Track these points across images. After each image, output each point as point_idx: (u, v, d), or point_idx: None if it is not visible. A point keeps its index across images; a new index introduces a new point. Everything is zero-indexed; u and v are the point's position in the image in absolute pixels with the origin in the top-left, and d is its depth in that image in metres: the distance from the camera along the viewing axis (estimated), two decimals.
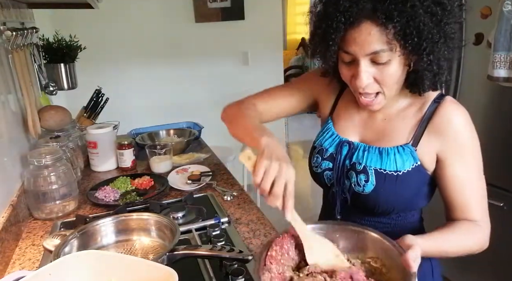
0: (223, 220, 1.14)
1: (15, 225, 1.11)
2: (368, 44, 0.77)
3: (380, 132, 0.93)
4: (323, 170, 0.97)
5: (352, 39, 0.78)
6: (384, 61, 0.78)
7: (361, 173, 0.90)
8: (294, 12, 7.17)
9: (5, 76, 1.31)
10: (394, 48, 0.76)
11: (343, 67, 0.85)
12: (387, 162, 0.88)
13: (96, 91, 1.92)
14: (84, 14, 2.58)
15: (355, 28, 0.77)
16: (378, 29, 0.75)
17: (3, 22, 1.30)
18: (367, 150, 0.92)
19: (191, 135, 1.92)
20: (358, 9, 0.75)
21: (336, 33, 0.78)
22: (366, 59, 0.79)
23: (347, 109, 0.99)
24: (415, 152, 0.88)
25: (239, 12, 3.09)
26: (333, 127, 1.00)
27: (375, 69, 0.80)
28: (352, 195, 0.93)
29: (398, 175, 0.87)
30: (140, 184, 1.41)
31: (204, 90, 3.18)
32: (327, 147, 0.97)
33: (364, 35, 0.76)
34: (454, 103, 0.88)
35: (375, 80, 0.82)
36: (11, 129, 1.29)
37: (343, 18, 0.76)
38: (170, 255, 0.82)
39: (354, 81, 0.83)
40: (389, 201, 0.90)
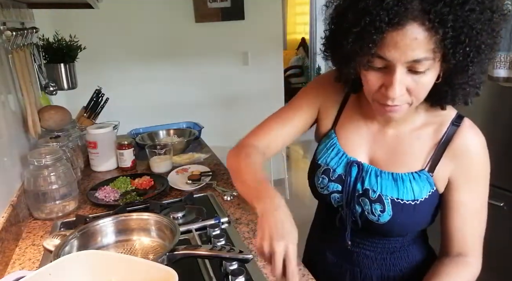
0: (223, 220, 1.14)
1: (15, 225, 1.11)
2: (411, 51, 0.66)
3: (391, 151, 0.86)
4: (330, 192, 0.90)
5: (393, 43, 0.67)
6: (423, 70, 0.69)
7: (376, 203, 0.84)
8: (294, 12, 7.16)
9: (5, 76, 1.31)
10: (436, 56, 0.67)
11: (371, 74, 0.74)
12: (403, 191, 0.83)
13: (96, 91, 1.92)
14: (84, 14, 2.58)
15: (398, 30, 0.65)
16: (426, 34, 0.65)
17: (3, 22, 1.30)
18: (380, 176, 0.85)
19: (191, 135, 1.92)
20: (405, 8, 0.64)
21: (378, 33, 0.66)
22: (404, 67, 0.69)
23: (353, 120, 0.91)
24: (431, 178, 0.83)
25: (239, 12, 3.09)
26: (338, 143, 0.91)
27: (411, 78, 0.71)
28: (364, 221, 0.87)
29: (416, 204, 0.83)
30: (140, 184, 1.41)
31: (204, 90, 3.18)
32: (334, 167, 0.90)
33: (409, 39, 0.65)
34: (474, 128, 0.83)
35: (408, 91, 0.72)
36: (11, 129, 1.29)
37: (386, 17, 0.64)
38: (170, 255, 0.82)
39: (385, 90, 0.73)
40: (404, 229, 0.87)
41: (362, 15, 0.67)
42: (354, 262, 0.95)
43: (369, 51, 0.69)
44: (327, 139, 0.94)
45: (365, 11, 0.67)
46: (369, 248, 0.93)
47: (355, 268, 0.95)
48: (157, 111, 3.01)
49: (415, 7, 0.64)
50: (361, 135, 0.90)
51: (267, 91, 3.37)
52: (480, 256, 0.86)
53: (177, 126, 2.11)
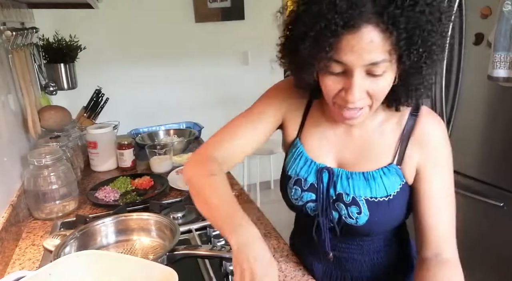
0: None
1: (15, 225, 1.11)
2: (368, 53, 0.66)
3: (358, 151, 0.86)
4: (305, 202, 0.88)
5: (349, 47, 0.66)
6: (381, 72, 0.69)
7: (352, 205, 0.83)
8: None
9: (5, 76, 1.31)
10: (393, 58, 0.67)
11: (329, 78, 0.73)
12: (376, 188, 0.82)
13: (96, 91, 1.92)
14: (84, 14, 2.58)
15: (354, 33, 0.65)
16: (381, 36, 0.65)
17: (3, 22, 1.30)
18: (351, 177, 0.84)
19: (191, 135, 1.92)
20: (359, 10, 0.63)
21: (334, 37, 0.66)
22: (362, 70, 0.69)
23: (318, 126, 0.89)
24: (400, 170, 0.83)
25: (239, 12, 3.09)
26: (304, 151, 0.90)
27: (369, 81, 0.71)
28: (343, 226, 0.86)
29: (389, 200, 0.82)
30: (140, 184, 1.41)
31: (204, 90, 3.18)
32: (305, 177, 0.88)
33: (365, 42, 0.65)
34: (432, 115, 0.84)
35: (367, 94, 0.73)
36: (11, 129, 1.29)
37: (341, 21, 0.64)
38: (170, 255, 0.82)
39: (345, 95, 0.72)
40: (383, 226, 0.86)
41: (317, 19, 0.66)
42: (344, 268, 0.93)
43: (326, 55, 0.68)
44: (293, 148, 0.92)
45: (319, 15, 0.66)
46: (355, 251, 0.91)
47: (345, 274, 0.94)
48: (157, 111, 3.01)
49: (369, 9, 0.64)
50: (327, 140, 0.88)
51: None
52: (456, 252, 0.83)
53: (177, 126, 2.11)
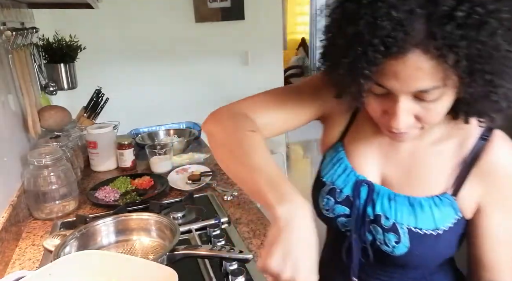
0: (223, 220, 1.14)
1: (15, 225, 1.11)
2: (414, 81, 0.55)
3: (407, 170, 0.73)
4: (336, 215, 0.78)
5: (392, 73, 0.55)
6: (434, 98, 0.57)
7: (390, 232, 0.72)
8: (294, 12, 7.17)
9: (5, 76, 1.31)
10: (451, 83, 0.55)
11: (372, 98, 0.63)
12: (423, 218, 0.70)
13: (96, 91, 1.92)
14: (84, 14, 2.58)
15: (398, 59, 0.53)
16: (432, 63, 0.52)
17: (3, 22, 1.30)
18: (394, 200, 0.72)
19: (191, 135, 1.92)
20: (405, 33, 0.51)
21: (371, 66, 0.54)
22: (409, 95, 0.58)
23: (363, 133, 0.77)
24: (455, 203, 0.70)
25: (239, 12, 3.08)
26: (346, 158, 0.79)
27: (419, 106, 0.59)
28: (376, 251, 0.75)
29: (438, 235, 0.70)
30: (140, 184, 1.41)
31: (204, 90, 3.18)
32: (341, 187, 0.77)
33: (411, 69, 0.54)
34: (506, 141, 0.69)
35: (416, 118, 0.61)
36: (11, 129, 1.29)
37: (382, 46, 0.52)
38: (170, 255, 0.82)
39: (387, 119, 0.62)
40: (425, 261, 0.74)
41: (352, 43, 0.55)
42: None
43: (363, 84, 0.58)
44: (334, 153, 0.81)
45: (355, 38, 0.54)
46: (383, 279, 0.79)
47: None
48: (157, 111, 3.00)
49: (419, 31, 0.51)
50: (372, 149, 0.77)
51: None
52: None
53: (177, 126, 2.11)
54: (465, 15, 0.49)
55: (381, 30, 0.51)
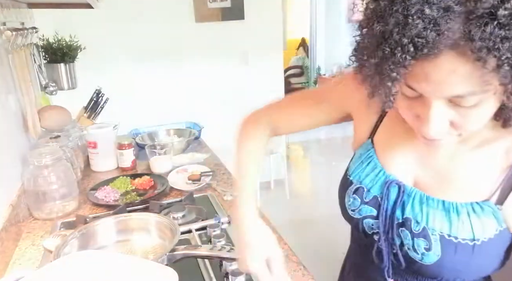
0: (223, 220, 1.13)
1: (15, 225, 1.11)
2: (447, 86, 0.50)
3: (443, 174, 0.67)
4: (363, 216, 0.73)
5: (423, 75, 0.50)
6: (472, 104, 0.51)
7: (420, 237, 0.66)
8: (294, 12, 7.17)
9: (5, 76, 1.31)
10: (492, 89, 0.49)
11: (403, 101, 0.58)
12: (458, 226, 0.63)
13: (96, 91, 1.92)
14: (84, 14, 2.58)
15: (430, 60, 0.48)
16: (468, 67, 0.47)
17: (3, 22, 1.30)
18: (427, 203, 0.66)
19: (191, 135, 1.92)
20: (438, 32, 0.46)
21: (400, 68, 0.50)
22: (443, 100, 0.52)
23: (395, 131, 0.72)
24: (499, 212, 0.62)
25: (239, 12, 3.08)
26: (375, 156, 0.74)
27: (455, 112, 0.53)
28: (405, 257, 0.69)
29: (475, 246, 0.62)
30: (140, 184, 1.41)
31: (204, 90, 3.18)
32: (369, 187, 0.73)
33: (445, 72, 0.48)
34: None
35: (452, 125, 0.55)
36: (11, 129, 1.29)
37: (412, 48, 0.48)
38: (170, 255, 0.82)
39: (419, 123, 0.57)
40: (459, 274, 0.66)
41: (379, 42, 0.51)
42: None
43: (391, 87, 0.53)
44: (363, 150, 0.76)
45: (383, 37, 0.50)
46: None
47: None
48: (157, 111, 3.00)
49: (454, 31, 0.46)
50: (405, 152, 0.71)
51: (267, 91, 3.37)
52: None
53: (177, 126, 2.11)
54: (509, 14, 0.44)
55: (411, 29, 0.47)
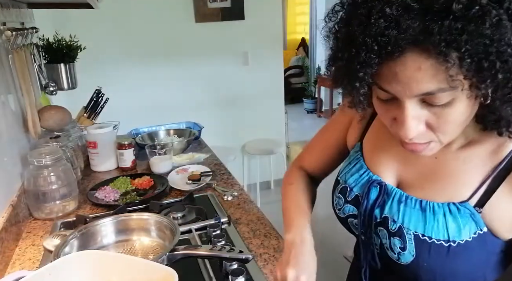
0: (223, 220, 1.14)
1: (15, 225, 1.11)
2: (416, 83, 0.50)
3: (426, 174, 0.67)
4: (346, 215, 0.76)
5: (392, 75, 0.51)
6: (444, 102, 0.52)
7: (396, 236, 0.66)
8: (294, 12, 7.17)
9: (5, 76, 1.31)
10: (460, 85, 0.49)
11: (379, 105, 0.59)
12: (433, 225, 0.63)
13: (96, 91, 1.92)
14: (84, 14, 2.58)
15: (395, 59, 0.50)
16: (432, 62, 0.48)
17: (3, 22, 1.30)
18: (404, 202, 0.67)
19: (191, 135, 1.92)
20: (399, 31, 0.47)
21: (366, 68, 0.51)
22: (415, 100, 0.53)
23: (381, 133, 0.73)
24: (478, 215, 0.61)
25: (239, 12, 3.09)
26: (362, 158, 0.76)
27: (429, 112, 0.54)
28: (384, 258, 0.70)
29: (450, 247, 0.62)
30: (140, 184, 1.41)
31: (204, 90, 3.18)
32: (352, 186, 0.75)
33: (411, 70, 0.50)
34: None
35: (428, 126, 0.56)
36: (11, 129, 1.29)
37: (376, 46, 0.49)
38: (170, 255, 0.82)
39: (396, 127, 0.57)
40: (437, 277, 0.65)
41: (346, 43, 0.53)
42: None
43: (361, 91, 0.55)
44: (354, 153, 0.80)
45: (349, 39, 0.52)
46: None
47: None
48: (157, 111, 3.01)
49: (414, 28, 0.47)
50: (390, 153, 0.72)
51: (267, 91, 3.37)
52: None
53: (177, 126, 2.11)
54: (464, 7, 0.45)
55: (373, 28, 0.48)
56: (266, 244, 1.04)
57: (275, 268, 0.75)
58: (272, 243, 1.05)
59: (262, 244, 1.04)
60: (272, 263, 0.95)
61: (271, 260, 0.97)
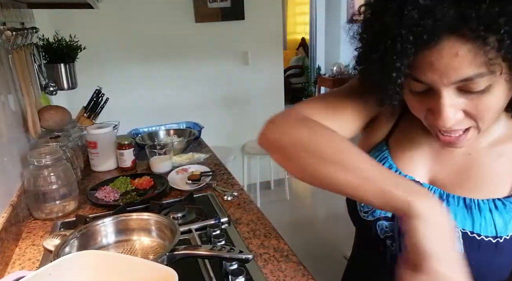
0: (223, 220, 1.14)
1: (15, 225, 1.11)
2: (454, 70, 0.50)
3: (461, 172, 0.66)
4: (376, 218, 0.71)
5: (428, 64, 0.51)
6: (482, 88, 0.52)
7: None
8: (294, 12, 7.18)
9: (5, 76, 1.31)
10: (498, 68, 0.49)
11: (412, 97, 0.59)
12: (481, 222, 0.62)
13: (96, 91, 1.92)
14: (84, 14, 2.58)
15: (431, 48, 0.50)
16: (469, 47, 0.48)
17: (3, 22, 1.30)
18: (447, 200, 0.65)
19: (191, 135, 1.92)
20: (435, 19, 0.48)
21: (402, 58, 0.51)
22: (452, 88, 0.53)
23: (410, 132, 0.71)
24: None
25: (239, 12, 3.09)
26: (390, 157, 0.73)
27: (466, 99, 0.54)
28: None
29: (498, 243, 0.61)
30: (140, 184, 1.41)
31: (204, 90, 3.18)
32: None
33: (448, 57, 0.49)
34: None
35: (466, 114, 0.55)
36: (11, 129, 1.29)
37: (411, 36, 0.49)
38: (170, 255, 0.82)
39: (433, 117, 0.57)
40: (482, 273, 0.62)
41: (380, 36, 0.53)
42: None
43: (396, 79, 0.54)
44: (377, 152, 0.75)
45: (382, 31, 0.52)
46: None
47: None
48: (157, 111, 3.01)
49: (450, 15, 0.47)
50: (421, 151, 0.70)
51: (267, 91, 3.37)
52: None
53: (177, 126, 2.11)
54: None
55: (408, 19, 0.49)
56: (266, 244, 1.04)
57: (405, 254, 0.52)
58: (272, 243, 1.05)
59: (262, 244, 1.04)
60: (272, 263, 0.95)
61: (271, 260, 0.97)
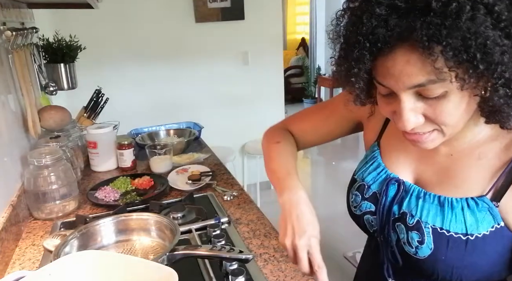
0: (223, 220, 1.14)
1: (15, 225, 1.11)
2: (407, 76, 0.54)
3: (442, 171, 0.70)
4: (363, 212, 0.78)
5: (385, 69, 0.56)
6: (437, 94, 0.55)
7: (413, 230, 0.68)
8: (294, 12, 7.18)
9: (5, 76, 1.31)
10: (448, 77, 0.52)
11: (381, 99, 0.63)
12: (451, 219, 0.65)
13: (96, 91, 1.92)
14: (84, 14, 2.58)
15: (387, 55, 0.55)
16: (419, 56, 0.52)
17: (3, 22, 1.30)
18: (423, 198, 0.69)
19: (191, 135, 1.92)
20: (387, 29, 0.52)
21: (360, 64, 0.56)
22: (410, 93, 0.57)
23: (399, 133, 0.71)
24: (495, 209, 0.63)
25: (239, 12, 3.09)
26: (379, 157, 0.79)
27: (425, 104, 0.57)
28: (402, 254, 0.71)
29: (468, 240, 0.63)
30: (140, 184, 1.41)
31: (204, 90, 3.18)
32: (370, 184, 0.77)
33: (401, 64, 0.54)
34: None
35: (427, 118, 0.59)
36: (11, 129, 1.29)
37: (367, 43, 0.54)
38: (170, 255, 0.82)
39: (397, 119, 0.61)
40: (454, 271, 0.66)
41: (341, 43, 0.60)
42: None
43: (358, 86, 0.60)
44: (369, 152, 0.83)
45: (343, 38, 0.59)
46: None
47: None
48: (157, 111, 3.01)
49: (400, 25, 0.51)
50: (407, 151, 0.75)
51: (267, 91, 3.37)
52: None
53: (177, 126, 2.11)
54: (443, 4, 0.49)
55: (364, 28, 0.54)
56: (266, 244, 1.04)
57: (279, 238, 0.75)
58: (272, 243, 1.05)
59: (262, 244, 1.04)
60: (272, 263, 0.95)
61: (271, 260, 0.97)
